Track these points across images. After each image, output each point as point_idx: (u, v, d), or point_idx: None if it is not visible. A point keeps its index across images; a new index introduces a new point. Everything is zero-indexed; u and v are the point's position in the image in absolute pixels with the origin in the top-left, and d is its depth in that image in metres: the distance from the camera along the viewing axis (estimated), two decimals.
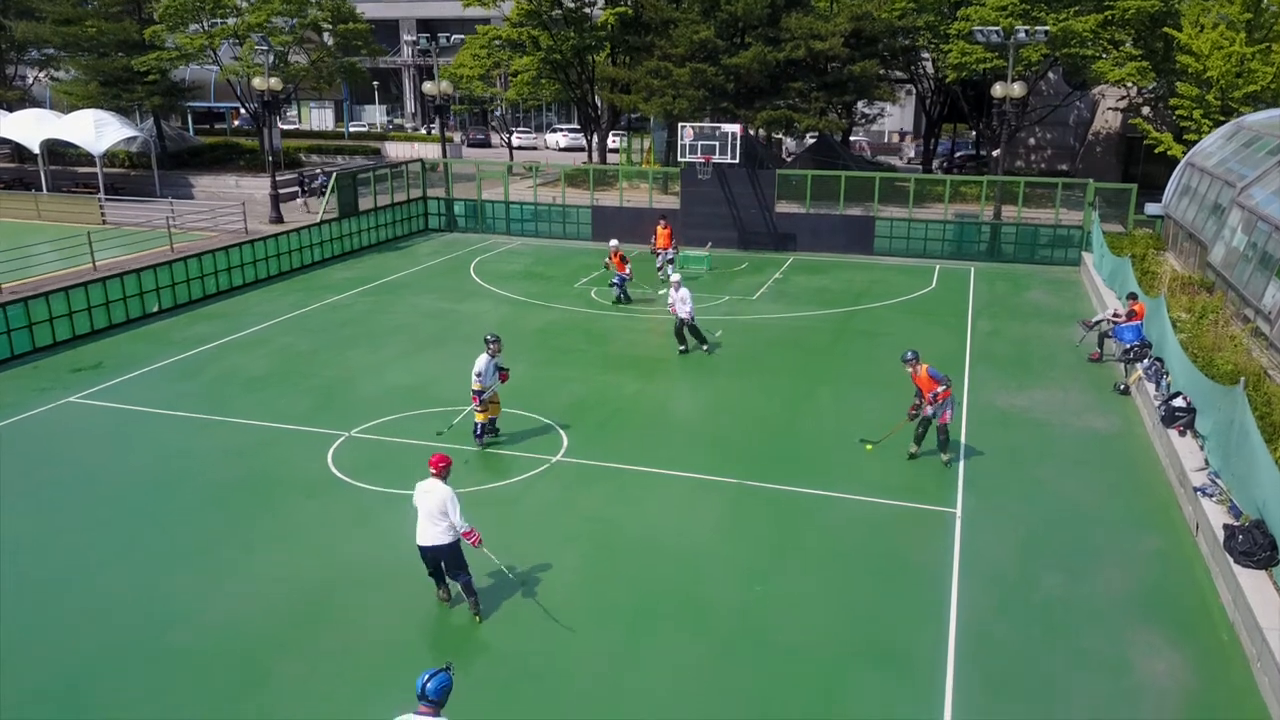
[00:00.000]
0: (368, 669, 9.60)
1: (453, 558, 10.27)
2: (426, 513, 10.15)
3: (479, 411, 15.00)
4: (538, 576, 11.38)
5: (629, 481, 14.06)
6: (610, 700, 9.26)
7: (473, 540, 10.18)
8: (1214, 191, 24.02)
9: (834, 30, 34.90)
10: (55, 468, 14.52)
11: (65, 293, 21.05)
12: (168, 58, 43.32)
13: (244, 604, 10.79)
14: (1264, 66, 30.92)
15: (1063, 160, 51.06)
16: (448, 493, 10.16)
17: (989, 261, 30.28)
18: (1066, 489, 13.85)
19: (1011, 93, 30.71)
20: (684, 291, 19.92)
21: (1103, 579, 11.40)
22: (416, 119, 74.35)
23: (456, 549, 10.24)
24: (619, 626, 10.44)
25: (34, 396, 17.52)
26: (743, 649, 10.03)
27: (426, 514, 10.15)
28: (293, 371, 19.14)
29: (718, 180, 31.40)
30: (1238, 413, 12.20)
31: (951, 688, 9.38)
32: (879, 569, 11.82)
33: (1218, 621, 10.58)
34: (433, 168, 37.93)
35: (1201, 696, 9.35)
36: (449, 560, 10.31)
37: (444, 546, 10.18)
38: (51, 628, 10.37)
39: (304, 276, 27.76)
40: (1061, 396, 17.73)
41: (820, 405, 17.44)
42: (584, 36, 41.85)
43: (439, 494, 10.16)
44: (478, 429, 15.14)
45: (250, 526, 12.70)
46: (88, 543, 12.22)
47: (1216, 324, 18.18)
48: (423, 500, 10.22)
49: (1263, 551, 10.60)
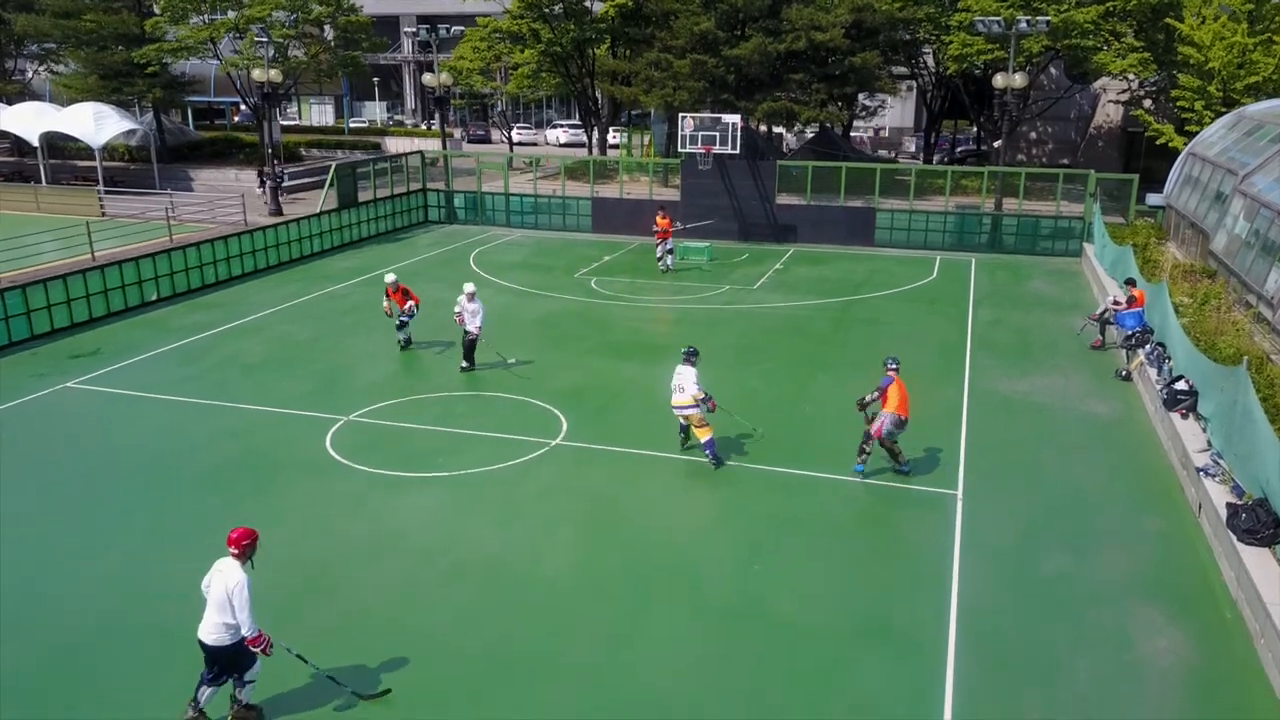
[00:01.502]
0: (362, 645, 9.53)
1: (232, 661, 8.16)
2: (214, 600, 8.02)
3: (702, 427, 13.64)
4: (538, 556, 11.32)
5: (628, 464, 14.00)
6: (609, 676, 9.20)
7: (260, 646, 8.06)
8: (1216, 180, 23.95)
9: (835, 21, 34.83)
10: (52, 450, 14.47)
11: (63, 280, 20.99)
12: (168, 49, 43.26)
13: None
14: (1266, 58, 30.80)
15: (1064, 155, 50.96)
16: (239, 582, 7.91)
17: (990, 253, 30.19)
18: (1068, 472, 13.79)
19: (1013, 83, 30.63)
20: (477, 304, 17.79)
21: (1105, 559, 11.34)
22: (417, 115, 74.28)
23: (239, 652, 8.11)
24: (618, 604, 10.38)
25: (32, 382, 17.46)
26: (741, 626, 9.97)
27: (214, 602, 8.02)
28: (292, 358, 19.10)
29: (718, 171, 31.32)
30: (1240, 392, 12.13)
31: (952, 665, 9.31)
32: (879, 549, 11.77)
33: (1220, 600, 10.51)
34: (432, 162, 37.88)
35: (1205, 673, 9.28)
36: (227, 664, 8.17)
37: (223, 648, 8.05)
38: (48, 602, 10.32)
39: (303, 267, 27.70)
40: (1063, 383, 17.66)
41: (820, 390, 17.38)
42: (584, 29, 41.78)
43: (229, 580, 7.94)
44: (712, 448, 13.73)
45: (248, 506, 12.64)
46: (85, 521, 12.18)
47: (1219, 310, 18.11)
48: (213, 582, 8.06)
49: (1266, 529, 10.53)
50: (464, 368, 17.98)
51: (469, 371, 17.89)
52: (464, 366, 18.01)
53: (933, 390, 17.09)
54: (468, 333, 17.83)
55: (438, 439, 14.84)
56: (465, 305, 17.75)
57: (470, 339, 17.85)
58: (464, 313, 17.79)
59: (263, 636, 8.06)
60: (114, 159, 45.75)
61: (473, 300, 17.79)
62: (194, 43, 43.27)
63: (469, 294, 17.85)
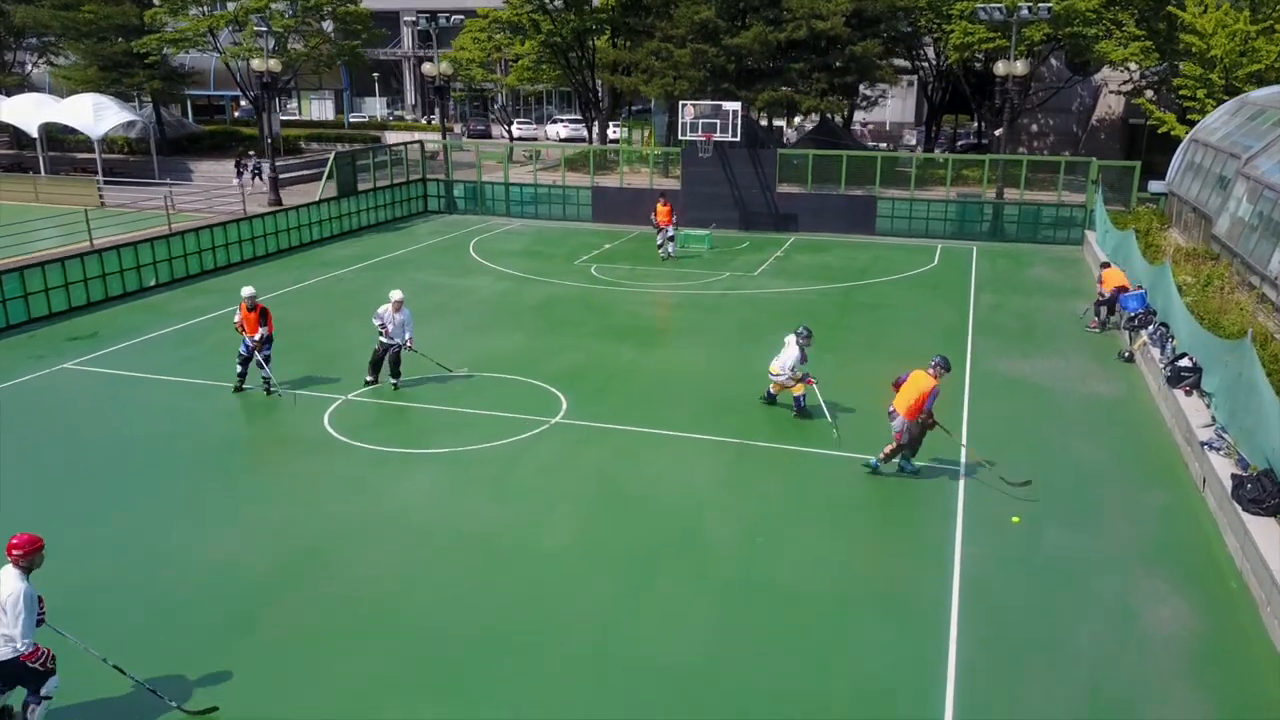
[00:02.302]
0: (354, 618, 9.44)
1: (19, 677, 7.47)
2: None
3: None
4: (538, 530, 11.24)
5: (629, 441, 13.92)
6: (612, 646, 9.11)
7: (36, 661, 7.38)
8: (1219, 165, 23.85)
9: (835, 10, 34.71)
10: (50, 427, 14.40)
11: (61, 264, 20.91)
12: (168, 39, 43.18)
13: (235, 552, 10.67)
14: (1268, 45, 30.72)
15: (1065, 147, 50.82)
16: (16, 592, 7.22)
17: (991, 241, 30.13)
18: (1070, 448, 13.71)
19: (1014, 71, 30.53)
20: (405, 313, 15.60)
21: (1108, 532, 11.26)
22: (417, 110, 74.17)
23: (20, 667, 7.38)
24: (620, 577, 10.30)
25: (29, 363, 17.38)
26: (744, 596, 9.89)
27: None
28: (292, 340, 18.90)
29: (719, 160, 31.24)
30: (1245, 365, 12.06)
31: (955, 634, 9.22)
32: (882, 524, 11.69)
33: (1225, 571, 10.43)
34: (432, 155, 37.82)
35: (1210, 641, 9.20)
36: (12, 678, 7.48)
37: (4, 663, 7.30)
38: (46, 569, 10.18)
39: (303, 254, 27.62)
40: (1065, 364, 17.58)
41: (823, 371, 17.24)
42: (584, 19, 41.68)
43: (5, 590, 7.26)
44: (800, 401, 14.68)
45: (245, 481, 12.60)
46: (80, 494, 12.12)
47: (1222, 290, 18.03)
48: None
49: (1271, 498, 10.45)
50: (369, 381, 15.84)
51: (397, 388, 15.76)
52: (377, 381, 15.83)
53: None
54: (389, 344, 15.60)
55: (436, 418, 14.77)
56: (389, 315, 15.53)
57: (393, 351, 15.65)
58: (388, 323, 15.52)
59: (39, 651, 7.37)
60: (113, 151, 45.64)
61: (400, 310, 15.58)
62: (193, 34, 43.16)
63: (396, 302, 15.57)
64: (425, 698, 8.34)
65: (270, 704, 8.21)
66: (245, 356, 15.46)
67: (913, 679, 8.59)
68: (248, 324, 15.37)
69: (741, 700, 8.29)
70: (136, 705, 8.09)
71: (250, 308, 15.30)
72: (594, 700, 8.31)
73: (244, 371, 15.56)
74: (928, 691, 8.40)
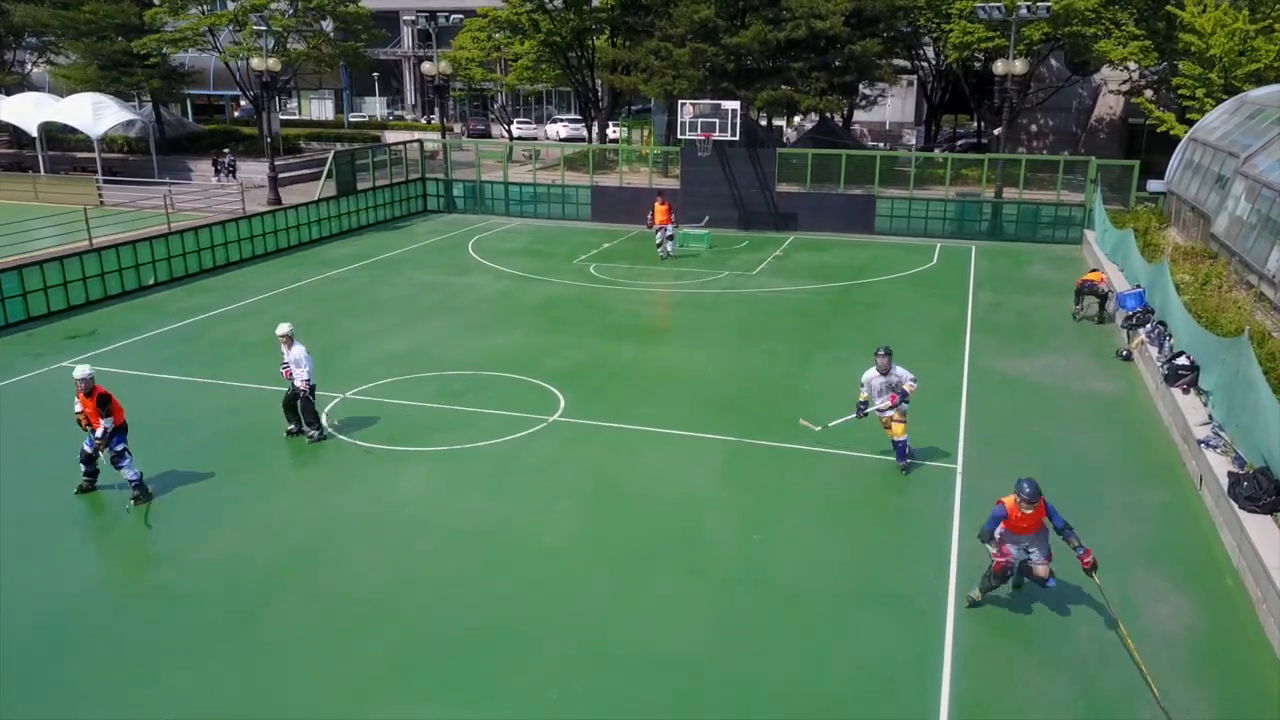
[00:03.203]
0: (352, 616, 9.46)
1: None
2: None
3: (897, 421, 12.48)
4: (536, 525, 11.25)
5: (627, 439, 13.92)
6: (609, 639, 9.13)
7: None
8: (1217, 164, 23.85)
9: (835, 9, 34.71)
10: (47, 425, 14.36)
11: (60, 263, 20.92)
12: (168, 39, 43.18)
13: (233, 547, 10.70)
14: (1267, 45, 30.71)
15: (1065, 147, 50.79)
16: None
17: (990, 240, 30.14)
18: (1069, 445, 13.73)
19: (1013, 69, 30.53)
20: (298, 349, 13.39)
21: (1106, 528, 11.24)
22: (416, 110, 74.16)
23: None
24: (618, 571, 10.31)
25: (27, 361, 17.39)
26: (742, 590, 9.91)
27: None
28: None
29: (718, 159, 31.24)
30: (1242, 363, 12.07)
31: (952, 629, 9.24)
32: (880, 520, 11.69)
33: (1222, 568, 10.44)
34: (431, 155, 37.79)
35: (1207, 637, 9.21)
36: None
37: None
38: (42, 564, 10.26)
39: (302, 253, 27.62)
40: (1063, 362, 17.59)
41: (820, 369, 17.29)
42: (584, 18, 41.68)
43: None
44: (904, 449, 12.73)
45: (243, 477, 12.60)
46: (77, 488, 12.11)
47: (1220, 289, 18.03)
48: None
49: (1268, 496, 10.47)
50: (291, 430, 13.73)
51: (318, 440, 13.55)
52: (299, 431, 13.67)
53: (933, 370, 17.05)
54: (294, 388, 13.48)
55: (434, 416, 14.77)
56: (283, 352, 13.48)
57: (296, 395, 13.50)
58: (289, 362, 13.42)
59: None
60: (113, 150, 45.62)
61: (291, 344, 13.37)
62: (193, 34, 43.15)
63: (283, 336, 13.37)
64: (423, 694, 8.36)
65: (269, 701, 8.22)
66: (89, 454, 11.72)
67: (910, 674, 8.60)
68: (88, 414, 11.56)
69: (740, 696, 8.30)
70: None
71: (87, 392, 11.46)
72: (592, 696, 8.32)
73: (91, 471, 11.88)
74: (925, 687, 8.41)
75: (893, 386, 12.27)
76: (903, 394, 12.27)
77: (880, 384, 12.34)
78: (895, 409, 12.35)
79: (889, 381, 12.29)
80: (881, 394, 12.33)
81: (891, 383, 12.28)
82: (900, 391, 12.26)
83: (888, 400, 12.29)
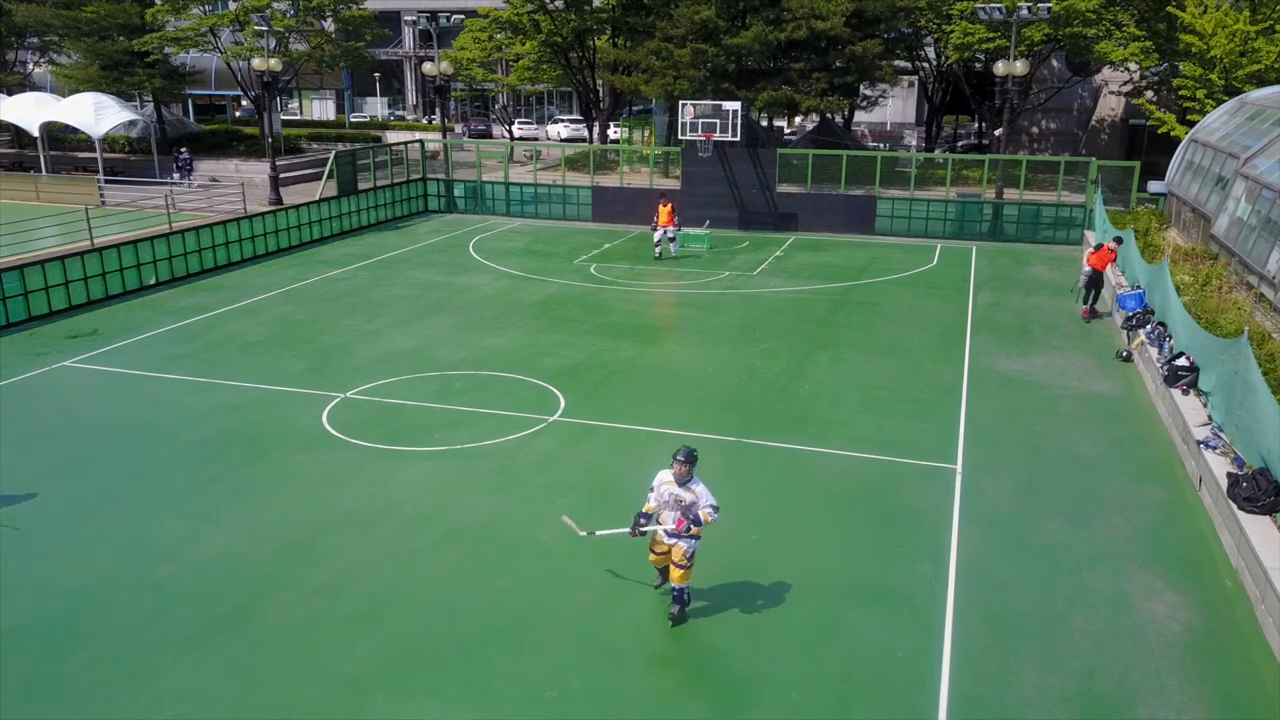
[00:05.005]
0: (351, 613, 9.48)
1: None
2: None
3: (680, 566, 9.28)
4: (534, 523, 11.26)
5: (626, 438, 13.94)
6: (604, 635, 9.14)
7: None
8: (1218, 164, 23.86)
9: (836, 10, 34.72)
10: (49, 424, 14.44)
11: (61, 262, 20.94)
12: (169, 38, 43.23)
13: (233, 544, 10.73)
14: (1268, 46, 30.70)
15: (1066, 148, 50.81)
16: None
17: (991, 241, 30.15)
18: (1068, 444, 13.74)
19: (1014, 71, 30.54)
20: None
21: (1104, 527, 11.28)
22: (418, 111, 74.23)
23: None
24: (617, 568, 10.32)
25: (29, 361, 17.41)
26: (740, 590, 9.92)
27: None
28: (290, 337, 19.03)
29: (719, 160, 31.26)
30: (1241, 364, 12.07)
31: (951, 626, 9.26)
32: (879, 520, 11.68)
33: (1221, 568, 10.45)
34: (432, 155, 37.79)
35: (1205, 636, 9.22)
36: None
37: None
38: (45, 562, 10.29)
39: (303, 253, 27.64)
40: (1063, 362, 17.60)
41: (819, 369, 17.30)
42: (584, 19, 41.71)
43: None
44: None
45: (243, 475, 12.62)
46: (80, 487, 12.19)
47: (1220, 290, 18.03)
48: None
49: (1267, 497, 10.47)
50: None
51: None
52: None
53: (933, 369, 17.09)
54: None
55: (435, 415, 14.78)
56: None
57: None
58: None
59: None
60: (114, 150, 45.68)
61: None
62: (194, 33, 43.19)
63: None
64: (421, 692, 8.37)
65: (267, 698, 8.24)
66: None
67: (909, 673, 8.61)
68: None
69: (740, 694, 8.32)
70: None
71: None
72: (591, 694, 8.33)
73: None
74: (924, 686, 8.43)
75: (684, 506, 8.96)
76: (695, 519, 8.93)
77: (670, 496, 9.05)
78: (680, 539, 9.02)
79: (680, 498, 8.99)
80: (670, 508, 9.05)
81: (684, 500, 8.95)
82: (692, 517, 8.94)
83: (673, 523, 9.02)
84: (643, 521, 9.22)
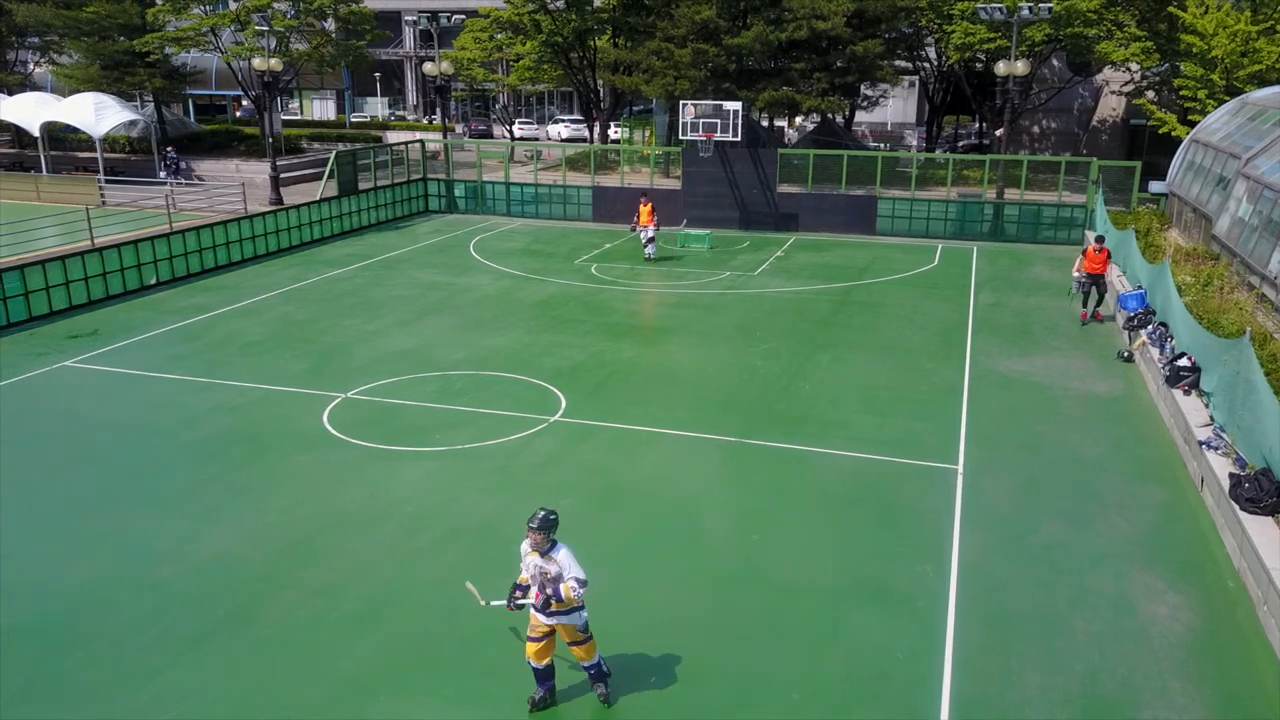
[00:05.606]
0: (350, 613, 9.48)
1: None
2: None
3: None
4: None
5: (627, 438, 13.93)
6: (609, 638, 9.09)
7: None
8: (1219, 165, 23.85)
9: (836, 10, 34.69)
10: (50, 424, 14.44)
11: (62, 262, 20.94)
12: (170, 38, 43.23)
13: (233, 544, 10.73)
14: (1269, 46, 30.67)
15: (1066, 148, 50.78)
16: None
17: (992, 241, 30.14)
18: (1069, 444, 13.73)
19: (1015, 71, 30.53)
20: None
21: (1105, 528, 11.27)
22: (418, 111, 74.21)
23: None
24: (616, 568, 10.28)
25: (30, 361, 17.41)
26: (740, 589, 9.91)
27: None
28: (291, 337, 19.03)
29: (719, 160, 31.24)
30: (1243, 365, 12.05)
31: (952, 626, 9.25)
32: (879, 520, 11.68)
33: (1223, 569, 10.44)
34: (433, 155, 37.76)
35: (1207, 637, 9.20)
36: None
37: None
38: (45, 562, 10.28)
39: (303, 253, 27.64)
40: (1064, 363, 17.59)
41: (820, 369, 17.29)
42: (585, 19, 41.70)
43: None
44: None
45: (243, 474, 12.62)
46: (80, 487, 12.19)
47: (1221, 290, 18.02)
48: None
49: (1269, 497, 10.45)
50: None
51: None
52: None
53: (934, 369, 17.08)
54: None
55: (435, 415, 14.77)
56: None
57: None
58: None
59: None
60: (115, 150, 45.66)
61: None
62: (195, 33, 43.19)
63: None
64: (421, 692, 8.37)
65: (267, 698, 8.23)
66: None
67: (910, 673, 8.60)
68: None
69: (739, 693, 8.30)
70: None
71: None
72: (588, 692, 8.31)
73: None
74: (925, 686, 8.41)
75: (549, 579, 7.70)
76: (555, 595, 7.66)
77: (535, 569, 7.78)
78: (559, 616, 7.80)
79: (544, 569, 7.71)
80: (537, 582, 7.80)
81: (549, 572, 7.68)
82: (551, 592, 7.68)
83: (533, 596, 7.83)
84: (519, 594, 7.95)
